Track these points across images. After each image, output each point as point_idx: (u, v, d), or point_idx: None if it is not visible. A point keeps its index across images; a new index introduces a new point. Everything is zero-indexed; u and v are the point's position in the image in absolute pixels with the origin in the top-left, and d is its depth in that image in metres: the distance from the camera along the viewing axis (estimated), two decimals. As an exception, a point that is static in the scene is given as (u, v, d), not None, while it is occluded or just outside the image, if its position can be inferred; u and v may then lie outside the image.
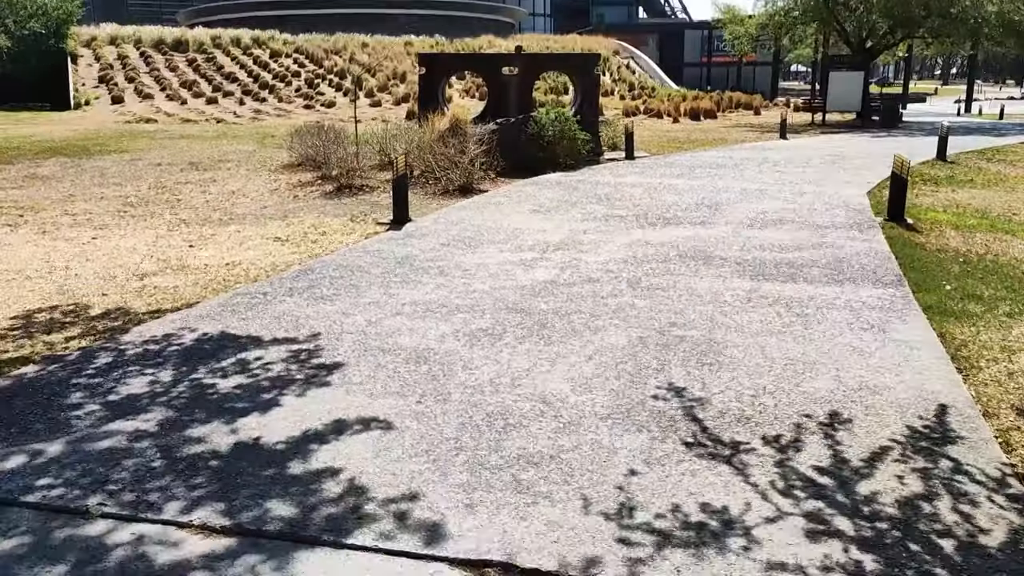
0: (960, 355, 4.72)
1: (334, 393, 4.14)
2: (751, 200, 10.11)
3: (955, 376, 4.37)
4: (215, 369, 4.44)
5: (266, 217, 9.41)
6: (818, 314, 5.41)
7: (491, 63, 16.22)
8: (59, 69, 32.92)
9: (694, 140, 19.97)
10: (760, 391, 4.15)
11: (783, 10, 27.38)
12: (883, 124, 24.60)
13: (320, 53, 38.48)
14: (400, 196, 8.72)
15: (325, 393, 4.14)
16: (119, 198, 10.95)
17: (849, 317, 5.34)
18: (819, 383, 4.24)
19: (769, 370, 4.44)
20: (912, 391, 4.14)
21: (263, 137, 19.41)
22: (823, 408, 3.93)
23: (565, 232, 8.21)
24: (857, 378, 4.30)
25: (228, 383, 4.25)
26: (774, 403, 4.00)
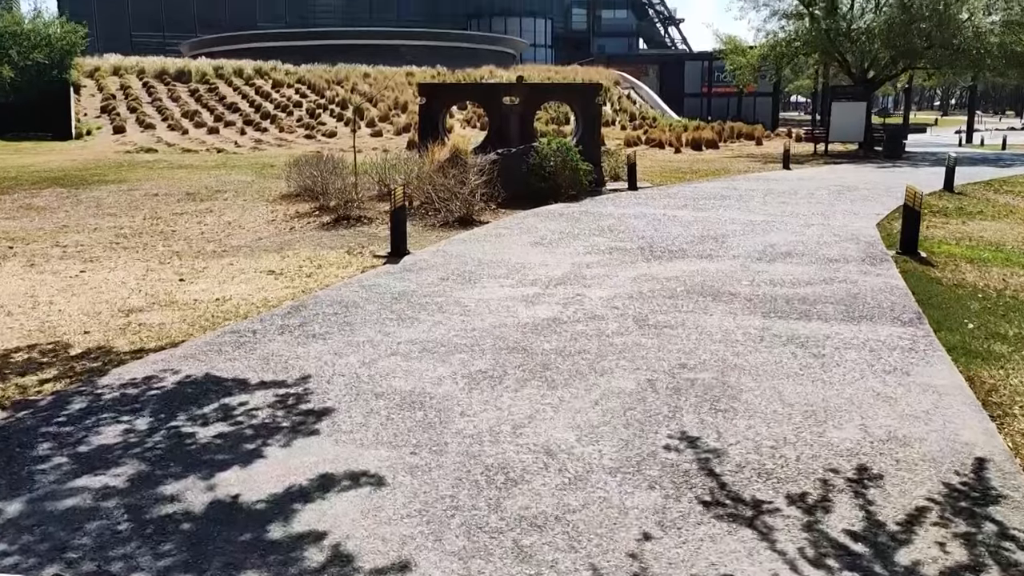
0: (991, 401, 4.43)
1: (322, 443, 3.85)
2: (758, 232, 9.87)
3: (989, 425, 4.07)
4: (196, 416, 4.15)
5: (261, 249, 9.17)
6: (836, 355, 5.13)
7: (492, 93, 16.11)
8: (62, 99, 32.98)
9: (697, 171, 19.81)
10: (780, 441, 3.86)
11: (785, 41, 27.41)
12: (887, 155, 24.47)
13: (322, 83, 38.61)
14: (398, 228, 8.48)
15: (312, 443, 3.85)
16: (113, 229, 10.73)
17: (869, 358, 5.06)
18: (844, 432, 3.94)
19: (788, 418, 4.14)
20: (944, 442, 3.84)
21: (262, 167, 19.28)
22: (850, 462, 3.64)
23: (568, 266, 7.96)
24: (884, 427, 4.01)
25: (208, 432, 3.96)
26: (796, 455, 3.71)
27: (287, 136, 31.16)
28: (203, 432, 3.96)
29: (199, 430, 3.98)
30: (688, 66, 53.16)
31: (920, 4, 24.32)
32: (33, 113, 31.98)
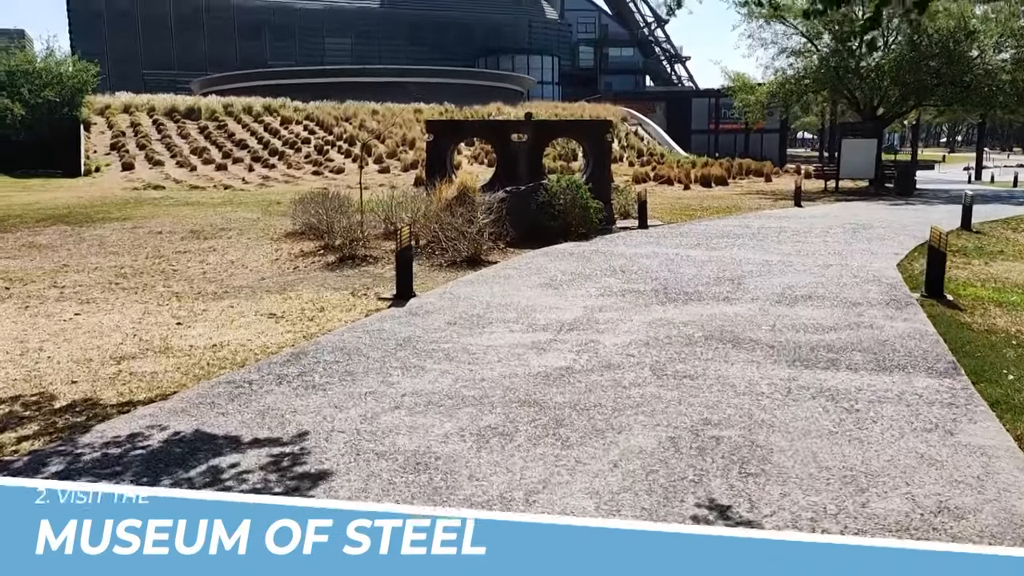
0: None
1: (317, 512, 3.51)
2: (775, 273, 9.57)
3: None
4: (181, 480, 3.83)
5: (263, 290, 8.91)
6: (871, 410, 4.78)
7: (500, 130, 15.98)
8: (72, 136, 33.15)
9: (707, 208, 19.59)
10: (820, 513, 3.51)
11: (794, 78, 27.41)
12: (898, 192, 24.25)
13: (330, 120, 38.80)
14: (403, 270, 8.22)
15: (306, 512, 3.51)
16: (113, 268, 10.52)
17: (907, 414, 4.71)
18: (890, 503, 3.59)
19: (827, 484, 3.80)
20: (1002, 515, 3.49)
21: (268, 204, 19.14)
22: (901, 539, 3.28)
23: (580, 309, 7.66)
24: (933, 497, 3.66)
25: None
26: (840, 529, 3.36)
27: (295, 173, 31.18)
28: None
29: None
30: (695, 103, 53.37)
31: (929, 41, 24.29)
32: (44, 150, 32.12)
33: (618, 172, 30.60)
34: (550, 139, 19.31)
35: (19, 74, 34.20)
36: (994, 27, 24.02)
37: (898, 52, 25.55)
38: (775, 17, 26.57)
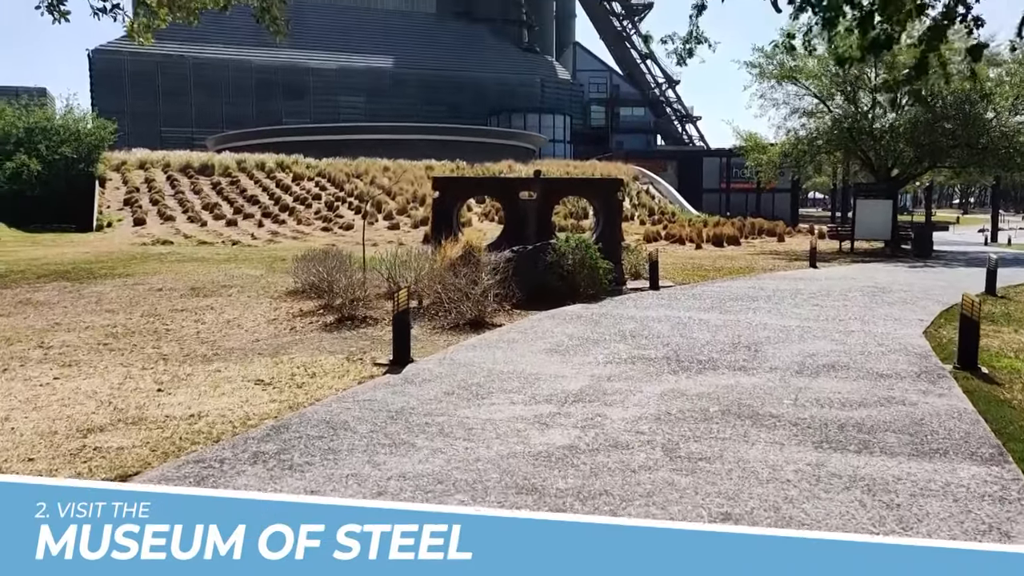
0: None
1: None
2: (794, 340, 9.08)
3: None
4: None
5: (255, 353, 8.49)
6: (913, 505, 4.25)
7: (508, 187, 15.73)
8: (87, 192, 33.37)
9: (720, 268, 19.17)
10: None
11: (806, 139, 27.28)
12: (915, 253, 23.79)
13: (341, 176, 39.00)
14: (400, 334, 7.79)
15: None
16: (106, 327, 10.16)
17: (955, 511, 4.17)
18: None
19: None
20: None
21: (273, 260, 18.89)
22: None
23: (586, 378, 7.18)
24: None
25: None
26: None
27: (304, 228, 31.13)
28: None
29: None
30: (706, 162, 53.54)
31: (944, 103, 24.14)
32: (59, 205, 32.30)
33: (629, 231, 30.36)
34: (560, 197, 19.08)
35: (38, 131, 34.67)
36: (1008, 89, 23.88)
37: (913, 113, 25.41)
38: (787, 78, 26.59)
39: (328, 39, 72.37)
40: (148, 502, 2.87)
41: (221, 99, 66.87)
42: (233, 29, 69.30)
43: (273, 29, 5.64)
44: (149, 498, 2.91)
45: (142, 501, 2.87)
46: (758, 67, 26.99)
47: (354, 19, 76.40)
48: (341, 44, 72.58)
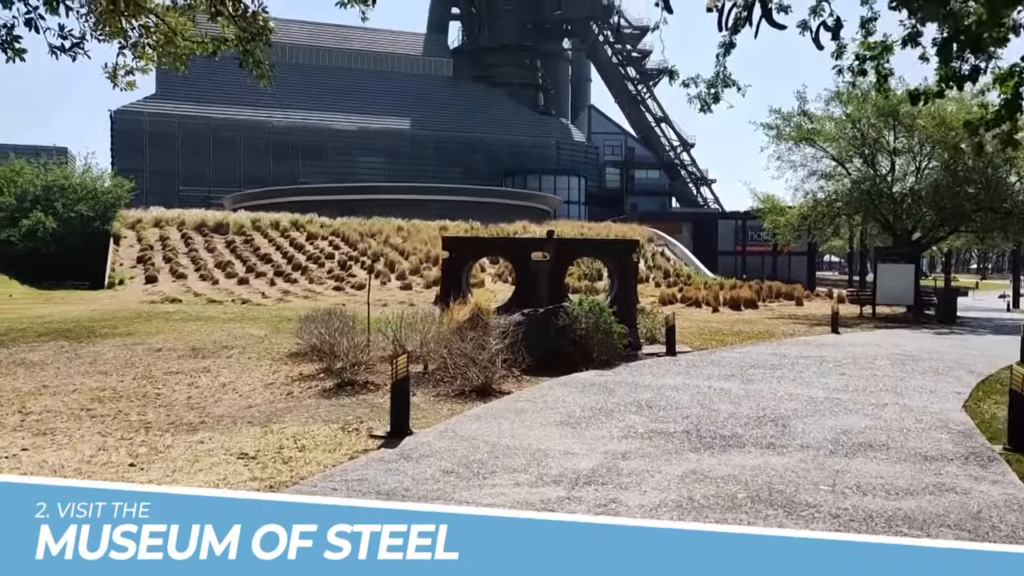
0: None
1: None
2: (823, 413, 8.43)
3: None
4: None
5: (245, 421, 7.95)
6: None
7: (520, 248, 15.32)
8: (102, 250, 33.40)
9: (738, 332, 18.55)
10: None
11: (825, 201, 26.90)
12: (939, 319, 23.06)
13: (355, 236, 38.93)
14: (399, 404, 7.24)
15: None
16: (94, 391, 9.69)
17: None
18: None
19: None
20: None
21: (280, 320, 18.45)
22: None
23: (599, 456, 6.57)
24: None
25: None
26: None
27: (315, 288, 30.87)
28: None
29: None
30: (721, 224, 53.25)
31: (966, 167, 23.76)
32: (73, 263, 32.31)
33: (644, 293, 29.84)
34: (573, 258, 18.65)
35: (55, 189, 34.98)
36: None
37: (935, 177, 25.04)
38: (804, 140, 26.36)
39: (346, 101, 73.73)
40: (148, 502, 2.98)
41: (239, 158, 67.84)
42: (252, 90, 70.71)
43: (257, 74, 5.30)
44: (149, 498, 3.02)
45: (142, 501, 2.98)
46: (775, 129, 26.82)
47: (372, 81, 77.92)
48: (359, 105, 73.84)
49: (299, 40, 79.37)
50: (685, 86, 5.10)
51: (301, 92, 72.82)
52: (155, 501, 2.98)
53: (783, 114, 26.72)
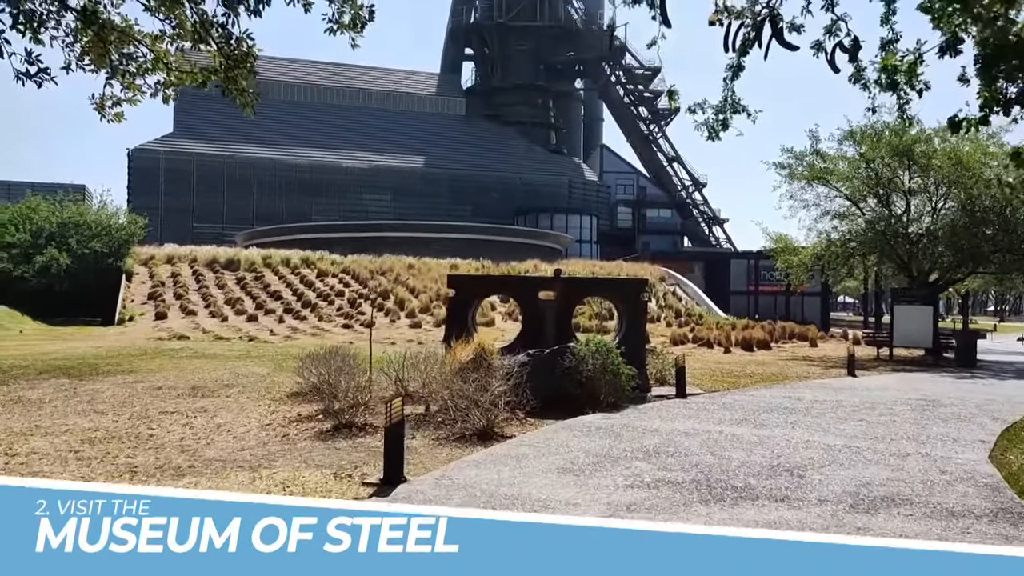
0: None
1: None
2: (842, 463, 8.02)
3: None
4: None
5: (235, 465, 7.64)
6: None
7: (527, 286, 15.05)
8: (114, 286, 33.46)
9: (750, 374, 18.11)
10: None
11: (839, 241, 26.54)
12: (959, 363, 22.49)
13: (365, 273, 38.86)
14: (393, 450, 6.91)
15: None
16: (86, 431, 9.42)
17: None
18: None
19: None
20: None
21: (285, 358, 18.20)
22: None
23: (602, 507, 6.21)
24: None
25: None
26: None
27: (324, 325, 30.68)
28: None
29: None
30: (734, 264, 52.89)
31: (984, 207, 23.41)
32: (86, 299, 32.36)
33: (655, 332, 29.43)
34: (581, 297, 18.35)
35: (70, 226, 35.21)
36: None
37: (952, 217, 24.68)
38: (817, 179, 26.12)
39: (360, 139, 74.47)
40: (148, 500, 3.01)
41: (253, 196, 68.41)
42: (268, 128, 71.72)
43: (241, 101, 5.11)
44: (149, 497, 3.05)
45: (142, 500, 3.01)
46: (787, 168, 26.61)
47: (386, 120, 78.77)
48: (373, 144, 74.56)
49: (317, 80, 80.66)
50: (691, 112, 4.78)
51: (316, 130, 73.75)
52: (155, 499, 3.00)
53: (795, 153, 26.55)
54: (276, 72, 79.26)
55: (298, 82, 79.20)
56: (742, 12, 4.04)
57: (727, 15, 4.05)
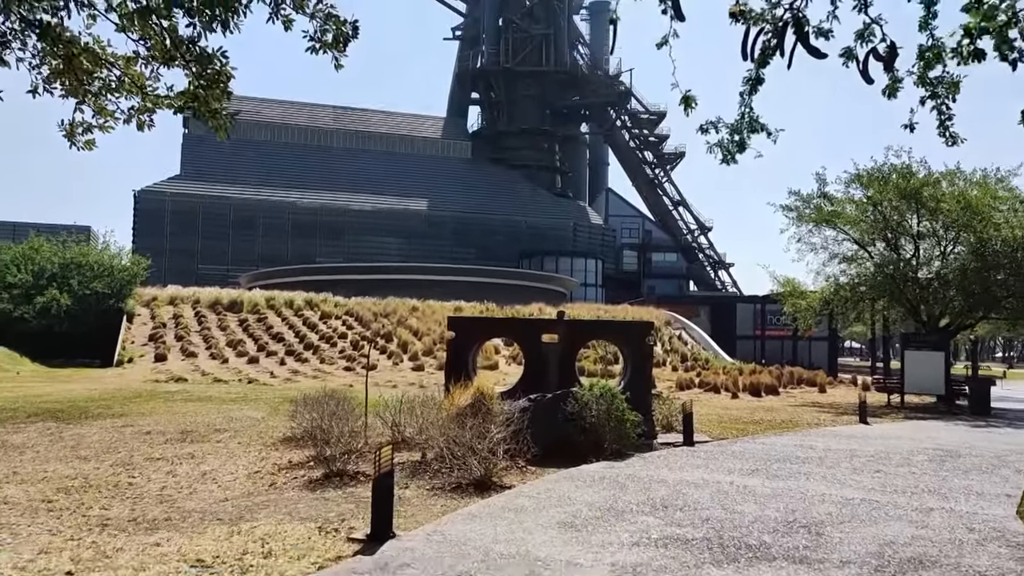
0: None
1: None
2: (862, 519, 7.51)
3: None
4: None
5: (215, 518, 7.18)
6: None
7: (529, 329, 14.65)
8: (116, 327, 33.14)
9: (759, 421, 17.56)
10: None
11: (848, 285, 26.13)
12: (973, 411, 21.87)
13: (369, 315, 38.53)
14: (381, 503, 6.45)
15: None
16: (64, 479, 8.99)
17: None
18: None
19: None
20: None
21: (281, 402, 17.75)
22: None
23: (606, 568, 5.73)
24: None
25: None
26: None
27: (326, 368, 30.25)
28: None
29: None
30: (740, 308, 52.50)
31: (994, 251, 23.03)
32: (86, 340, 32.02)
33: (661, 377, 28.87)
34: (585, 341, 17.90)
35: (72, 266, 35.03)
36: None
37: (962, 260, 24.28)
38: (825, 222, 25.83)
39: (366, 182, 74.84)
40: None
41: (258, 238, 68.49)
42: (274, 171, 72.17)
43: (214, 124, 4.80)
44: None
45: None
46: (795, 211, 26.34)
47: (392, 163, 79.25)
48: (378, 186, 74.91)
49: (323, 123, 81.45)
50: (704, 132, 4.36)
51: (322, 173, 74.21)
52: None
53: (802, 196, 26.30)
54: (283, 115, 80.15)
55: (304, 125, 79.99)
56: (762, 15, 3.69)
57: (744, 19, 3.70)
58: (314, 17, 4.49)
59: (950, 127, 3.84)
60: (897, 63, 3.83)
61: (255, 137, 75.00)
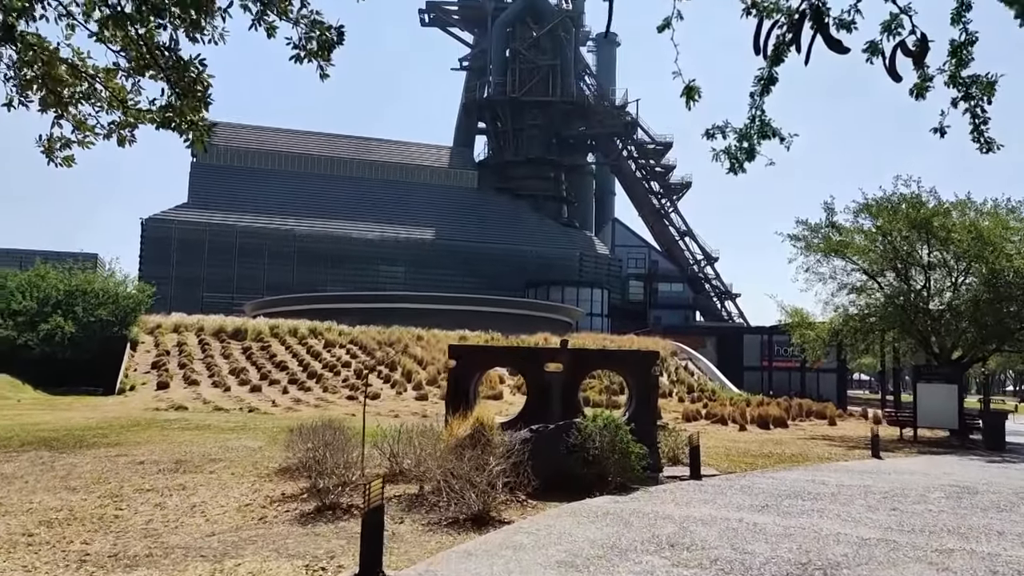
0: None
1: None
2: (880, 561, 7.14)
3: None
4: None
5: (198, 554, 6.86)
6: None
7: (532, 358, 14.35)
8: (119, 354, 32.93)
9: (768, 454, 17.14)
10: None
11: (858, 316, 25.74)
12: (987, 445, 21.35)
13: (373, 344, 38.25)
14: (371, 540, 6.14)
15: None
16: (50, 510, 8.70)
17: None
18: None
19: None
20: None
21: (280, 431, 17.42)
22: None
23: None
24: None
25: None
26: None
27: (329, 396, 29.92)
28: None
29: None
30: (747, 339, 51.97)
31: (1006, 281, 22.66)
32: (89, 368, 31.75)
33: (667, 408, 28.41)
34: (589, 370, 17.53)
35: (77, 293, 34.91)
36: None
37: (975, 291, 23.90)
38: (833, 252, 25.52)
39: (372, 210, 74.97)
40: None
41: (264, 266, 68.50)
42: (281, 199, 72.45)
43: (195, 135, 4.58)
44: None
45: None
46: (802, 240, 26.06)
47: (399, 192, 79.45)
48: (385, 215, 75.02)
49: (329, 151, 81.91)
50: (710, 137, 4.05)
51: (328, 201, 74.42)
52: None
53: (810, 225, 26.03)
54: (289, 144, 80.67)
55: (310, 153, 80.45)
56: (776, 5, 3.42)
57: (757, 10, 3.43)
58: (298, 24, 4.31)
59: (985, 131, 3.54)
60: (927, 59, 3.53)
61: (262, 166, 75.43)
